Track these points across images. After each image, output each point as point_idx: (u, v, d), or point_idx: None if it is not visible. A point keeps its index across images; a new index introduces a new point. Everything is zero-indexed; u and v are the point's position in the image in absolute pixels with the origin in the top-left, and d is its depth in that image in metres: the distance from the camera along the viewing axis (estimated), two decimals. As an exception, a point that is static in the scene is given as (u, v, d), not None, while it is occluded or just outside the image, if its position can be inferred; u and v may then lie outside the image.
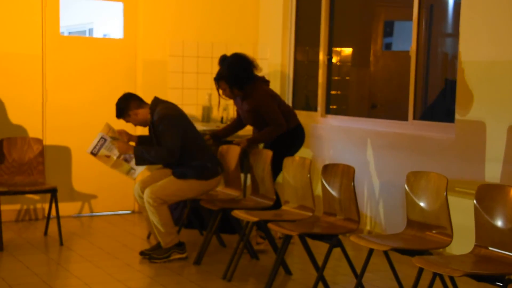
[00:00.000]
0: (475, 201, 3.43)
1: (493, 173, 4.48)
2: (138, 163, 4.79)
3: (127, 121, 4.91)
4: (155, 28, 6.44)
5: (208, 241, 4.79)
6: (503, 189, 3.34)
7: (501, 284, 3.01)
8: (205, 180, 4.79)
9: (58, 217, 5.25)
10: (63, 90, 6.13)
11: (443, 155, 4.87)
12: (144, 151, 4.71)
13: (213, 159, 4.89)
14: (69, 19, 7.93)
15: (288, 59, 6.74)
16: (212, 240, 4.92)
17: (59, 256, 4.98)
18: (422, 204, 3.79)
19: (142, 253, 4.86)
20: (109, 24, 8.50)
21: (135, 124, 4.95)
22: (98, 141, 4.85)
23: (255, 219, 4.29)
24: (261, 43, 6.87)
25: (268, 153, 4.90)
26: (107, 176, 6.13)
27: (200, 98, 5.65)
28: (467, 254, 3.41)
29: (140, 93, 6.38)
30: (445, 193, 3.64)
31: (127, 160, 4.93)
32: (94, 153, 4.86)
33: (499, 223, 3.32)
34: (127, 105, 4.85)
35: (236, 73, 5.00)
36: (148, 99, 4.94)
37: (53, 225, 5.47)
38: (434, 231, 3.69)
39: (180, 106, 5.06)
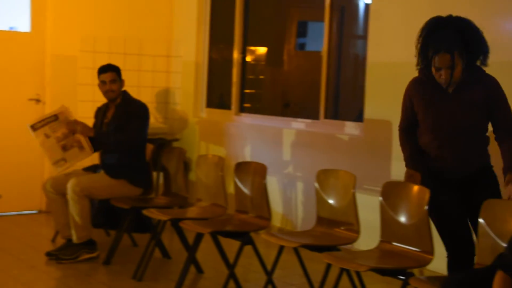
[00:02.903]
0: (380, 198, 3.52)
1: (399, 171, 4.62)
2: (96, 147, 4.78)
3: (110, 81, 4.83)
4: (65, 22, 6.25)
5: (118, 241, 4.70)
6: (407, 186, 3.44)
7: (403, 278, 3.11)
8: (136, 186, 4.76)
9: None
10: (-35, 84, 5.87)
11: (352, 153, 5.00)
12: (104, 135, 4.76)
13: (149, 170, 4.92)
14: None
15: (203, 57, 6.72)
16: (122, 240, 4.83)
17: (-41, 258, 4.76)
18: (331, 201, 3.87)
19: (48, 254, 4.71)
20: (16, 16, 8.17)
21: (109, 91, 4.85)
22: (48, 118, 4.72)
23: (167, 217, 4.25)
24: (175, 40, 6.81)
25: (182, 151, 4.86)
26: (11, 174, 5.90)
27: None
28: (372, 249, 3.50)
29: (48, 90, 6.21)
30: (353, 191, 3.73)
31: (65, 149, 4.77)
32: (34, 128, 4.70)
33: (402, 219, 3.42)
34: (119, 70, 4.91)
35: (479, 40, 3.29)
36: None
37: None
38: (342, 228, 3.77)
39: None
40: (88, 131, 4.76)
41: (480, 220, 3.04)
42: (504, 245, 2.86)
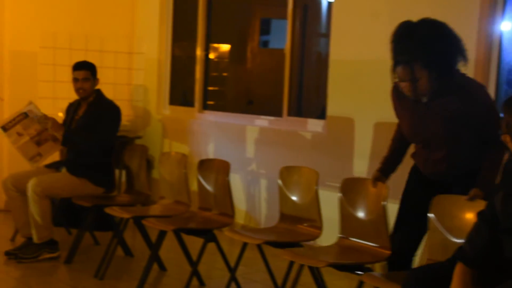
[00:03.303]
0: (340, 194, 3.54)
1: (360, 167, 4.68)
2: (64, 143, 4.70)
3: (82, 79, 4.75)
4: (24, 17, 6.13)
5: (80, 239, 4.65)
6: (365, 182, 3.46)
7: (361, 273, 3.12)
8: (98, 185, 4.71)
9: None
10: None
11: (315, 150, 5.03)
12: (73, 133, 4.68)
13: (112, 169, 4.86)
14: None
15: (165, 54, 6.67)
16: (84, 239, 4.77)
17: None
18: (294, 198, 3.89)
19: (7, 253, 4.62)
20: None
21: (80, 90, 4.77)
22: (18, 116, 4.62)
23: (129, 215, 4.21)
24: (137, 37, 6.75)
25: (144, 149, 4.83)
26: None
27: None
28: (332, 245, 3.53)
29: (8, 86, 6.09)
30: (316, 187, 3.75)
31: (39, 144, 4.69)
32: (5, 128, 4.61)
33: (361, 214, 3.44)
34: (94, 68, 4.82)
35: (445, 49, 3.07)
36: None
37: None
38: (305, 224, 3.79)
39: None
40: (58, 128, 4.68)
41: (430, 215, 3.05)
42: (454, 239, 2.92)
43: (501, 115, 2.40)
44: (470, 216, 2.94)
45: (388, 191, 3.32)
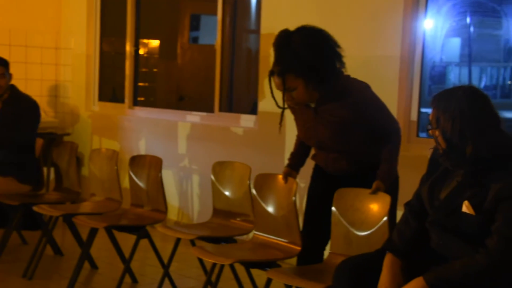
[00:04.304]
0: (253, 190, 3.54)
1: (292, 162, 4.75)
2: None
3: (0, 75, 4.57)
4: None
5: (7, 239, 4.52)
6: (276, 178, 3.46)
7: (268, 269, 3.08)
8: (24, 183, 4.60)
9: None
10: None
11: (247, 145, 5.07)
12: None
13: (39, 168, 4.74)
14: None
15: (94, 50, 6.56)
16: (11, 238, 4.64)
17: None
18: (227, 193, 3.91)
19: None
20: None
21: None
22: None
23: (59, 213, 4.13)
24: (64, 32, 6.60)
25: (73, 145, 4.74)
26: None
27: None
28: (247, 241, 3.55)
29: None
30: (248, 182, 3.79)
31: None
32: None
33: (273, 210, 3.45)
34: (8, 64, 4.65)
35: (318, 58, 3.07)
36: None
37: None
38: (238, 219, 3.82)
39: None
40: None
41: (333, 209, 3.10)
42: (356, 232, 3.00)
43: (429, 110, 2.49)
44: (372, 209, 2.99)
45: (297, 186, 3.33)
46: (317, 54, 3.03)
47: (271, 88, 3.13)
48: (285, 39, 3.08)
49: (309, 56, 3.02)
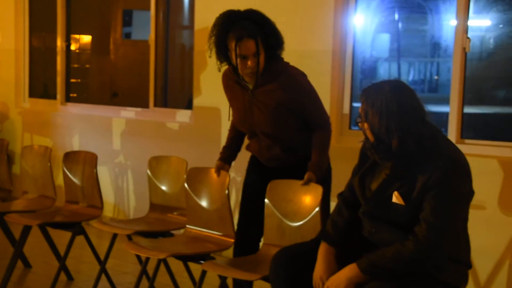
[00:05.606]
0: (185, 184, 3.55)
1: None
2: None
3: None
4: None
5: None
6: (209, 172, 3.48)
7: (202, 262, 3.12)
8: None
9: None
10: None
11: (183, 140, 5.08)
12: None
13: None
14: None
15: (23, 45, 6.41)
16: None
17: None
18: (163, 187, 3.92)
19: None
20: None
21: None
22: None
23: (-10, 212, 4.04)
24: (-8, 27, 6.44)
25: (3, 143, 4.63)
26: None
27: None
28: (180, 235, 3.57)
29: None
30: (184, 176, 3.80)
31: None
32: None
33: (206, 204, 3.48)
34: None
35: (275, 30, 3.20)
36: None
37: None
38: (175, 213, 3.83)
39: None
40: None
41: (266, 200, 3.15)
42: (289, 223, 3.07)
43: (359, 104, 2.57)
44: (304, 200, 3.05)
45: (230, 179, 3.36)
46: (275, 30, 3.17)
47: (219, 62, 3.19)
48: (240, 14, 3.16)
49: (269, 28, 3.14)
